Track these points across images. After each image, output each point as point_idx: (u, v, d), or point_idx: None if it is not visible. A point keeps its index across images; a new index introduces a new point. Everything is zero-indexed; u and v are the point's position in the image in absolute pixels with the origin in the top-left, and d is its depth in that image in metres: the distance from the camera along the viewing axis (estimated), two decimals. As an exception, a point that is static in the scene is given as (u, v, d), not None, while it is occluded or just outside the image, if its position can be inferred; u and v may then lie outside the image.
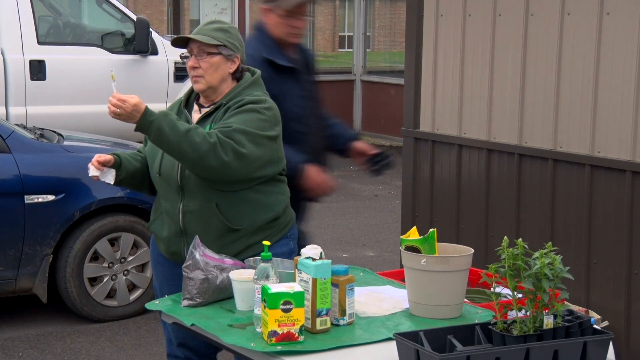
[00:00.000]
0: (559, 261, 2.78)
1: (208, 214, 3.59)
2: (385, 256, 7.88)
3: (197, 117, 3.69)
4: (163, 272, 3.83)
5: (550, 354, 2.68)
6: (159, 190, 3.73)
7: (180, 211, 3.62)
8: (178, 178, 3.60)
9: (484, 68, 5.25)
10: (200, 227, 3.58)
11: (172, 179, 3.62)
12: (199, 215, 3.60)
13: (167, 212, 3.67)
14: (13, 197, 5.76)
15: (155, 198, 3.83)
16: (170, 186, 3.64)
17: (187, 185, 3.59)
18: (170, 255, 3.73)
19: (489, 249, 5.13)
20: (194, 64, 3.63)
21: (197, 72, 3.64)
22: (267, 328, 2.92)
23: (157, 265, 3.87)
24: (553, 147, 4.88)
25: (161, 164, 3.64)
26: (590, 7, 4.65)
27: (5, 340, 5.81)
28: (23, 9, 9.19)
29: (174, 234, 3.66)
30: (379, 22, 17.24)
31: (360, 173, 11.95)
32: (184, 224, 3.63)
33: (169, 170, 3.62)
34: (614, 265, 4.61)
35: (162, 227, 3.71)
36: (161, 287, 3.84)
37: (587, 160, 4.70)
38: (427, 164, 5.63)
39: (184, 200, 3.61)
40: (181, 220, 3.63)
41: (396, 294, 3.44)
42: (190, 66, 3.64)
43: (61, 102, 9.29)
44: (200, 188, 3.58)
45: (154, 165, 3.69)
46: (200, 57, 3.63)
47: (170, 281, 3.76)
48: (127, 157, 3.74)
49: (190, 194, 3.60)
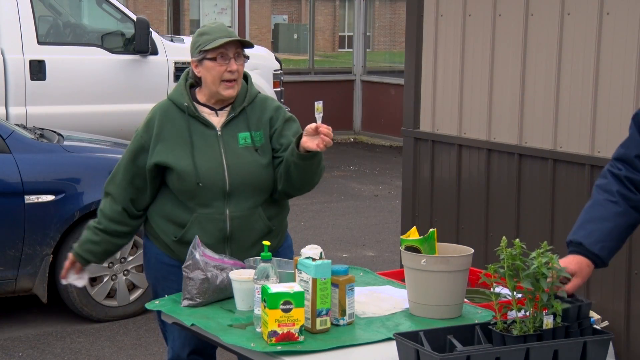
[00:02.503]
0: (556, 260, 2.78)
1: (255, 218, 3.63)
2: (385, 256, 7.88)
3: (220, 120, 3.65)
4: (178, 281, 3.57)
5: (550, 354, 2.68)
6: (191, 199, 3.60)
7: (227, 217, 3.60)
8: (227, 185, 3.58)
9: (484, 68, 5.25)
10: (246, 231, 3.61)
11: (217, 186, 3.57)
12: (247, 219, 3.61)
13: (209, 219, 3.59)
14: (13, 197, 5.76)
15: (160, 206, 3.70)
16: (214, 193, 3.58)
17: (235, 192, 3.59)
18: None
19: (488, 249, 5.13)
20: (234, 68, 3.59)
21: (235, 75, 3.60)
22: (267, 328, 2.93)
23: (168, 276, 3.70)
24: (553, 147, 4.88)
25: (198, 173, 3.56)
26: (590, 7, 4.65)
27: (5, 340, 5.81)
28: (23, 9, 9.19)
29: (217, 241, 3.60)
30: (379, 22, 17.24)
31: (360, 173, 11.96)
32: (231, 229, 3.60)
33: (212, 178, 3.57)
34: (614, 265, 4.60)
35: (202, 235, 3.55)
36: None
37: (587, 160, 4.70)
38: (427, 164, 5.63)
39: (230, 206, 3.60)
40: (229, 225, 3.60)
41: (396, 294, 3.44)
42: (231, 70, 3.58)
43: (61, 102, 9.29)
44: (248, 193, 3.61)
45: (186, 175, 3.57)
46: (239, 60, 3.62)
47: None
48: (90, 249, 3.75)
49: (238, 200, 3.60)
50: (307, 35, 16.22)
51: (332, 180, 11.35)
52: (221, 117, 3.66)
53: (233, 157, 3.60)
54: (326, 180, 11.37)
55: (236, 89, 3.62)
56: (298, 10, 25.43)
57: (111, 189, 3.73)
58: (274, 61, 10.99)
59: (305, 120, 3.63)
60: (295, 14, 25.50)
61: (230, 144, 3.62)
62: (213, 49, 3.57)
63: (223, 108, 3.67)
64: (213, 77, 3.60)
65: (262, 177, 3.62)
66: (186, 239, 3.60)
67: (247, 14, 14.88)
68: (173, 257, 3.68)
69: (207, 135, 3.63)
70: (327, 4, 23.89)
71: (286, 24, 23.85)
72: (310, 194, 10.76)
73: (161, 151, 3.61)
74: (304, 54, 16.47)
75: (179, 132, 3.62)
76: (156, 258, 3.75)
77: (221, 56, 3.58)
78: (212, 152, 3.61)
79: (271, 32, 22.14)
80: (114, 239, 3.75)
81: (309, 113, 14.62)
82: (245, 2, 14.82)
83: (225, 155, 3.60)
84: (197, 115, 3.63)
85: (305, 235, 8.49)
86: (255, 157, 3.61)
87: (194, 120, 3.63)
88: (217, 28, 3.64)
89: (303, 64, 16.42)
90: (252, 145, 3.62)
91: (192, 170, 3.57)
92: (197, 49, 3.62)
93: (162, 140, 3.62)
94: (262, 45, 13.13)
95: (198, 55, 3.62)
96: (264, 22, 22.15)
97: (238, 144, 3.62)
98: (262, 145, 3.64)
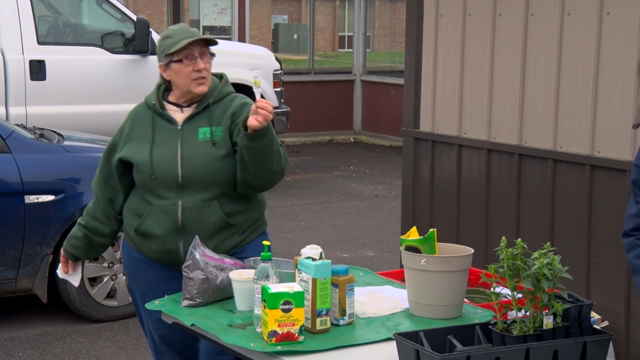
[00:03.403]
0: (558, 261, 2.78)
1: (209, 210, 3.63)
2: (385, 256, 7.88)
3: (182, 117, 3.71)
4: (146, 278, 3.78)
5: (550, 354, 2.68)
6: (148, 191, 3.69)
7: (179, 207, 3.63)
8: (179, 176, 3.62)
9: (484, 68, 5.25)
10: (199, 223, 3.62)
11: (170, 177, 3.63)
12: (200, 211, 3.63)
13: (163, 210, 3.65)
14: (13, 197, 5.76)
15: (128, 201, 3.79)
16: (167, 185, 3.64)
17: (188, 183, 3.62)
18: (164, 254, 3.68)
19: (489, 249, 5.13)
20: (201, 67, 3.65)
21: (204, 73, 3.67)
22: (267, 328, 2.93)
23: (138, 273, 3.81)
24: (553, 147, 4.88)
25: (152, 165, 3.64)
26: (590, 7, 4.65)
27: (5, 340, 5.81)
28: (23, 9, 9.18)
29: (169, 232, 3.64)
30: (379, 22, 17.24)
31: (360, 173, 11.96)
32: (183, 220, 3.63)
33: (165, 170, 3.63)
34: (614, 265, 4.61)
35: (155, 225, 3.66)
36: (144, 294, 3.77)
37: (587, 160, 4.70)
38: (427, 164, 5.63)
39: (184, 197, 3.63)
40: (180, 216, 3.63)
41: (396, 294, 3.44)
42: (198, 69, 3.65)
43: (61, 102, 9.28)
44: (202, 186, 3.63)
45: (142, 167, 3.68)
46: (205, 59, 3.68)
47: (156, 286, 3.74)
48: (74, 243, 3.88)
49: (191, 191, 3.63)
50: (307, 35, 16.22)
51: (332, 180, 11.35)
52: (185, 113, 3.72)
53: (189, 150, 3.65)
54: (326, 180, 11.37)
55: (207, 84, 3.68)
56: (298, 10, 25.42)
57: (94, 188, 3.87)
58: (274, 61, 10.98)
59: (305, 120, 3.63)
60: (295, 14, 25.49)
61: (189, 138, 3.67)
62: (178, 50, 3.63)
63: (190, 105, 3.73)
64: (182, 78, 3.67)
65: (217, 170, 3.63)
66: (142, 229, 3.69)
67: (247, 14, 14.87)
68: (139, 252, 3.76)
69: (168, 130, 3.70)
70: (327, 4, 23.88)
71: (286, 24, 23.84)
72: (310, 194, 10.75)
73: (126, 148, 3.72)
74: (304, 54, 16.47)
75: (144, 130, 3.72)
76: (128, 255, 3.84)
77: (187, 57, 3.65)
78: (168, 145, 3.67)
79: (271, 32, 22.13)
80: (94, 237, 3.85)
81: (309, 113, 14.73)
82: (245, 2, 14.82)
83: (181, 148, 3.65)
84: (162, 112, 3.72)
85: (305, 235, 8.49)
86: (211, 150, 3.64)
87: (159, 118, 3.72)
88: (180, 30, 3.70)
89: (303, 64, 16.41)
90: (211, 139, 3.66)
91: (148, 162, 3.65)
92: (162, 53, 3.69)
93: (130, 139, 3.73)
94: (262, 45, 13.13)
95: (164, 59, 3.69)
96: (264, 22, 22.14)
97: (197, 138, 3.67)
98: (221, 140, 3.66)
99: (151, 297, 3.62)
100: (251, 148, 3.50)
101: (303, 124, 13.92)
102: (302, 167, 12.16)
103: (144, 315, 3.86)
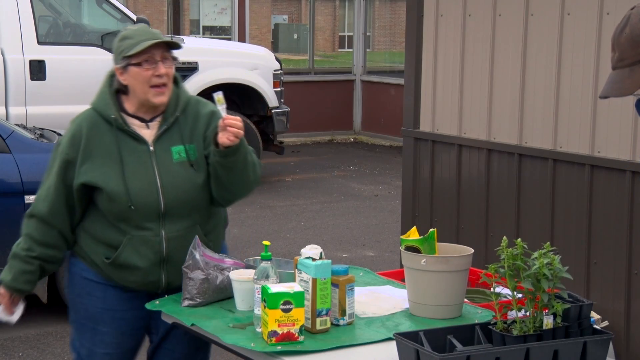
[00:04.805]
0: (558, 261, 2.78)
1: (192, 237, 3.38)
2: (385, 256, 7.88)
3: (150, 134, 3.40)
4: (104, 299, 3.47)
5: (550, 354, 2.68)
6: (123, 220, 3.37)
7: (164, 239, 3.38)
8: (161, 205, 3.36)
9: (484, 68, 5.25)
10: (183, 252, 3.37)
11: (152, 208, 3.35)
12: (184, 239, 3.39)
13: (144, 241, 3.36)
14: (13, 197, 5.76)
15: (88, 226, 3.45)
16: (148, 215, 3.36)
17: (170, 212, 3.37)
18: (143, 285, 3.44)
19: (489, 249, 5.13)
20: (162, 72, 3.34)
21: (164, 79, 3.35)
22: (267, 328, 2.93)
23: (93, 293, 3.48)
24: (553, 147, 4.88)
25: (130, 195, 3.33)
26: (590, 7, 4.65)
27: (5, 341, 5.81)
28: (23, 9, 9.19)
29: (153, 264, 3.39)
30: (379, 22, 17.24)
31: (360, 173, 11.96)
32: (168, 251, 3.39)
33: (145, 200, 3.35)
34: (614, 265, 4.61)
35: (135, 258, 3.38)
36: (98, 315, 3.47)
37: (587, 160, 4.70)
38: (427, 164, 5.63)
39: (166, 226, 3.38)
40: (165, 247, 3.39)
41: (396, 294, 3.44)
42: (159, 74, 3.33)
43: (61, 102, 9.28)
44: (185, 212, 3.40)
45: (117, 197, 3.34)
46: (167, 63, 3.37)
47: (115, 307, 3.48)
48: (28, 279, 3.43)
49: (174, 220, 3.39)
50: (307, 35, 16.22)
51: (332, 180, 11.35)
52: (152, 129, 3.41)
53: (167, 175, 3.37)
54: (326, 180, 11.37)
55: (167, 94, 3.37)
56: (298, 10, 25.43)
57: (42, 212, 3.42)
58: (274, 61, 10.98)
59: (305, 120, 3.61)
60: (295, 14, 25.51)
61: (164, 160, 3.38)
62: (137, 53, 3.31)
63: (154, 119, 3.42)
64: (140, 83, 3.34)
65: (199, 195, 3.41)
66: (120, 261, 3.39)
67: (247, 14, 14.87)
68: (102, 276, 3.46)
69: (139, 151, 3.38)
70: (327, 4, 23.89)
71: (286, 24, 23.86)
72: (310, 194, 10.76)
73: (89, 170, 3.37)
74: (304, 54, 16.47)
75: (107, 148, 3.37)
76: (81, 275, 3.50)
77: (147, 61, 3.32)
78: (144, 170, 3.37)
79: (271, 32, 22.14)
80: (48, 265, 3.46)
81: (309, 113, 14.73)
82: (245, 2, 14.82)
83: (159, 173, 3.37)
84: (127, 129, 3.38)
85: (305, 235, 8.49)
86: (190, 174, 3.39)
87: (123, 135, 3.38)
88: (140, 31, 3.39)
89: (303, 64, 16.42)
90: (187, 159, 3.40)
91: (123, 191, 3.33)
92: (120, 55, 3.35)
93: (89, 157, 3.37)
94: (262, 45, 13.14)
95: (122, 62, 3.35)
96: (264, 22, 22.15)
97: (172, 159, 3.39)
98: (196, 159, 3.41)
99: (108, 318, 3.46)
100: (225, 164, 3.32)
101: (303, 124, 13.92)
102: (302, 167, 12.16)
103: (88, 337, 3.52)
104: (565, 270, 2.79)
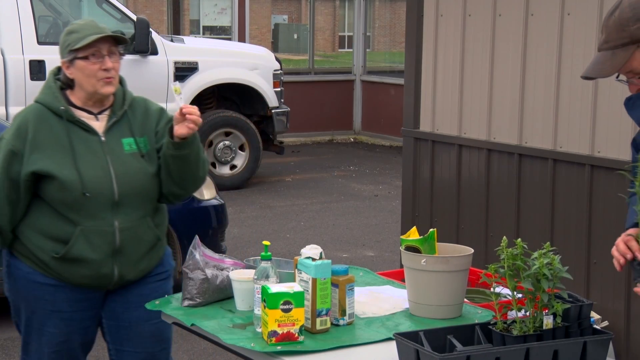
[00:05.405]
0: (558, 261, 2.78)
1: (144, 228, 3.45)
2: (385, 256, 7.89)
3: (100, 125, 3.43)
4: (53, 302, 3.43)
5: (550, 354, 2.68)
6: (75, 210, 3.35)
7: (117, 229, 3.38)
8: (115, 194, 3.37)
9: (484, 68, 5.25)
10: (136, 244, 3.42)
11: (105, 196, 3.36)
12: (136, 230, 3.43)
13: (97, 232, 3.36)
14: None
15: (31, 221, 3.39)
16: (102, 204, 3.36)
17: (123, 201, 3.39)
18: (95, 280, 3.43)
19: (489, 249, 5.13)
20: (109, 66, 3.36)
21: (111, 73, 3.37)
22: (267, 328, 2.93)
23: (42, 297, 3.43)
24: (553, 147, 4.88)
25: (84, 182, 3.33)
26: (590, 7, 4.65)
27: (5, 341, 5.81)
28: (23, 9, 9.20)
29: (105, 255, 3.39)
30: (379, 22, 17.25)
31: (360, 173, 11.96)
32: (120, 241, 3.39)
33: (99, 188, 3.35)
34: (614, 265, 4.60)
35: (88, 250, 3.36)
36: (46, 317, 3.44)
37: (587, 160, 4.70)
38: (427, 164, 5.63)
39: (120, 216, 3.39)
40: (118, 238, 3.39)
41: (396, 294, 3.44)
42: (105, 68, 3.35)
43: (61, 102, 9.28)
44: (137, 203, 3.43)
45: (70, 185, 3.32)
46: (113, 58, 3.39)
47: (64, 309, 3.45)
48: None
49: (127, 210, 3.40)
50: (307, 35, 16.22)
51: (332, 180, 11.35)
52: (102, 121, 3.43)
53: (120, 165, 3.39)
54: (326, 180, 11.38)
55: (115, 85, 3.40)
56: (298, 10, 25.43)
57: None
58: (274, 61, 10.99)
59: (305, 120, 3.60)
60: (295, 14, 25.51)
61: (116, 151, 3.40)
62: (84, 47, 3.33)
63: (102, 112, 3.45)
64: (87, 77, 3.36)
65: (151, 186, 3.44)
66: (71, 255, 3.36)
67: (247, 14, 14.88)
68: (49, 276, 3.42)
69: (90, 141, 3.39)
70: (327, 4, 23.89)
71: (286, 24, 23.86)
72: (310, 194, 10.76)
73: (39, 159, 3.33)
74: (304, 54, 16.47)
75: (57, 138, 3.36)
76: (26, 278, 3.44)
77: (93, 54, 3.35)
78: (97, 159, 3.37)
79: (271, 32, 22.15)
80: None
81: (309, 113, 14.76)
82: (245, 2, 14.82)
83: (112, 163, 3.38)
84: (77, 119, 3.39)
85: (305, 235, 8.49)
86: (142, 165, 3.42)
87: (73, 126, 3.39)
88: (87, 25, 3.40)
89: (303, 64, 16.42)
90: (138, 151, 3.43)
91: (77, 179, 3.32)
92: (66, 49, 3.37)
93: (38, 147, 3.34)
94: (262, 45, 13.14)
95: (68, 56, 3.37)
96: (264, 22, 22.16)
97: (123, 150, 3.42)
98: (148, 152, 3.44)
99: (56, 320, 3.43)
100: (178, 157, 3.35)
101: (303, 124, 13.93)
102: (302, 167, 12.16)
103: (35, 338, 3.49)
104: (565, 270, 2.79)
